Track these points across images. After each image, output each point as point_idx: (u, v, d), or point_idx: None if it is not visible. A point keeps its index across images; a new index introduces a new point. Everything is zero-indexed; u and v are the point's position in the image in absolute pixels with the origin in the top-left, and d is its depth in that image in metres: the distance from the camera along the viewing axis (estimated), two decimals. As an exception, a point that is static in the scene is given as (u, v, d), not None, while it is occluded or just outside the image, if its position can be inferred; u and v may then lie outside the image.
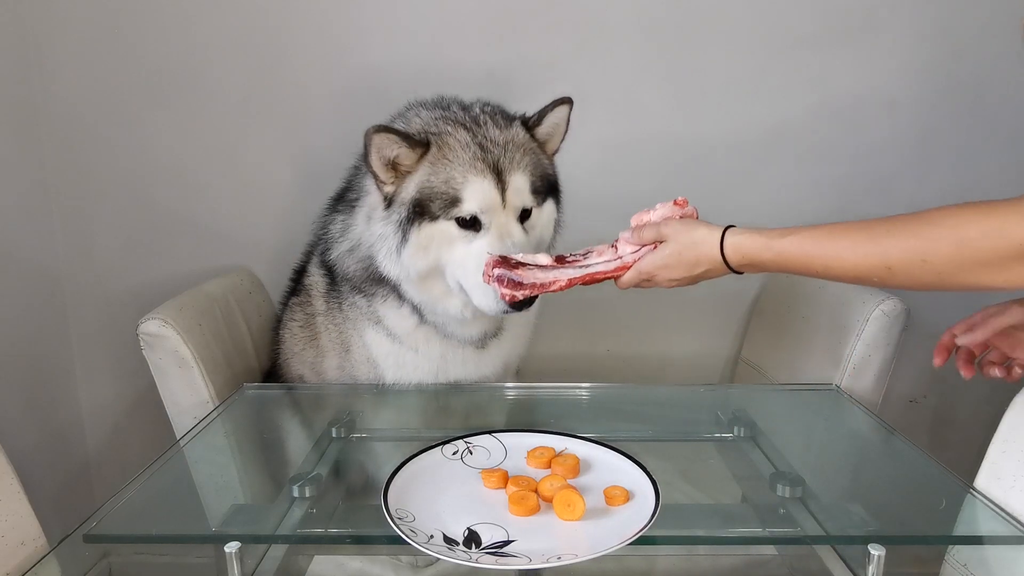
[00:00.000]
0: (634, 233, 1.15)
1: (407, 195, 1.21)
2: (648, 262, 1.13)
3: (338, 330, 1.45)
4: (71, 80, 1.79)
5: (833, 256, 1.00)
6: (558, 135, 1.33)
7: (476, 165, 1.20)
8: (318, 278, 1.49)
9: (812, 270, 1.03)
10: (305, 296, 1.52)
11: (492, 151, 1.22)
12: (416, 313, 1.35)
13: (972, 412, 1.97)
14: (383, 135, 1.17)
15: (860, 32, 1.79)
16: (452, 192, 1.19)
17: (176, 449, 1.22)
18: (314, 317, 1.49)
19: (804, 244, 1.02)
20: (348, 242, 1.35)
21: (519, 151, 1.25)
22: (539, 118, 1.29)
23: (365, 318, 1.39)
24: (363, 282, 1.36)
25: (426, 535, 0.89)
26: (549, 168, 1.32)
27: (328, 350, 1.48)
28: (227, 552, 0.89)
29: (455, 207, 1.19)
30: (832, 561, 0.99)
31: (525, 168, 1.24)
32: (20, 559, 0.96)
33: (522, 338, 1.50)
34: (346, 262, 1.37)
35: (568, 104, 1.29)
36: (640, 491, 0.98)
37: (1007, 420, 1.04)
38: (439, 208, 1.20)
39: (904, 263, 0.93)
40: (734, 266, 1.09)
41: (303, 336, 1.52)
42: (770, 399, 1.56)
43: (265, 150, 1.84)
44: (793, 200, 1.88)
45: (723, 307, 1.95)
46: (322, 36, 1.78)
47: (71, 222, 1.86)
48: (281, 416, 1.50)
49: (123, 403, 1.95)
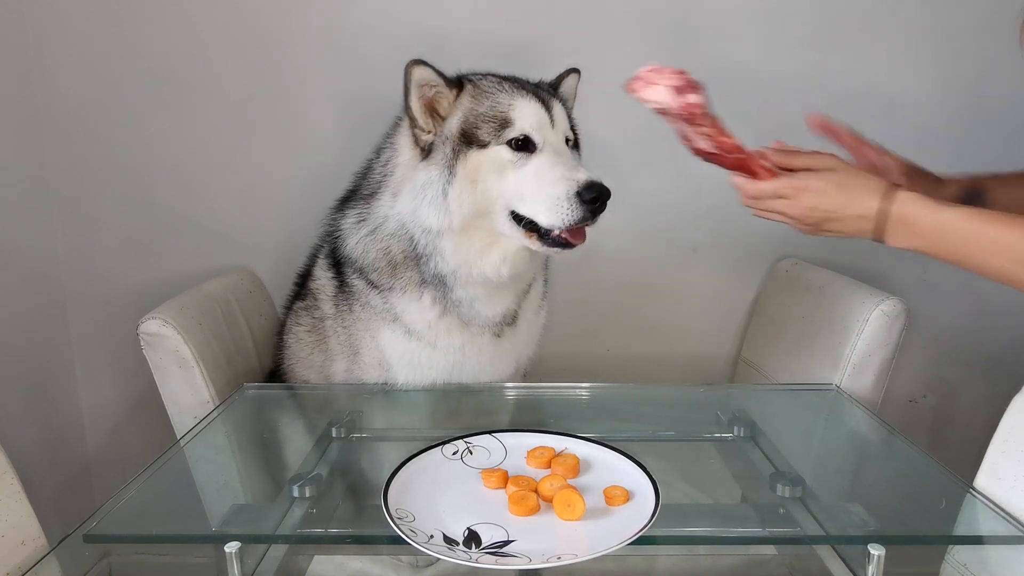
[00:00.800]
0: (783, 154, 1.10)
1: (451, 131, 1.21)
2: (805, 180, 1.05)
3: (347, 333, 1.43)
4: (71, 79, 1.79)
5: (1005, 244, 0.93)
6: (571, 102, 1.37)
7: (520, 91, 1.23)
8: (325, 281, 1.47)
9: (969, 253, 0.96)
10: (311, 300, 1.50)
11: (528, 85, 1.27)
12: (438, 303, 1.32)
13: (972, 412, 1.97)
14: (423, 68, 1.18)
15: (860, 32, 1.79)
16: (501, 114, 1.19)
17: (176, 449, 1.22)
18: (322, 321, 1.47)
19: (974, 221, 0.95)
20: (368, 226, 1.34)
21: (551, 93, 1.30)
22: (558, 81, 1.36)
23: (380, 318, 1.37)
24: (384, 269, 1.33)
25: (426, 535, 0.89)
26: (573, 122, 1.34)
27: (336, 354, 1.46)
28: (227, 552, 0.89)
29: (506, 129, 1.18)
30: (832, 561, 0.99)
31: (561, 103, 1.29)
32: (20, 559, 0.96)
33: (534, 334, 1.50)
34: (366, 248, 1.34)
35: (577, 73, 1.36)
36: (640, 491, 0.98)
37: (1007, 420, 1.04)
38: (488, 133, 1.19)
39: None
40: (888, 221, 1.01)
41: (310, 341, 1.50)
42: (770, 399, 1.56)
43: (266, 150, 1.84)
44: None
45: (723, 307, 1.96)
46: (323, 36, 1.78)
47: (71, 222, 1.86)
48: (281, 416, 1.50)
49: (123, 403, 1.95)
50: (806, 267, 1.78)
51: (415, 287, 1.33)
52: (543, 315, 1.52)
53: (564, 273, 1.92)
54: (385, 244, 1.32)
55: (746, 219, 1.90)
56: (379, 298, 1.36)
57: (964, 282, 1.91)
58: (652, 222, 1.89)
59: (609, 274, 1.92)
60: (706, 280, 1.94)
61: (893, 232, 1.02)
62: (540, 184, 1.15)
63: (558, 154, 1.19)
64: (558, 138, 1.22)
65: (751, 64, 1.79)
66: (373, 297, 1.37)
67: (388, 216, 1.30)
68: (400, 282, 1.33)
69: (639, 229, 1.88)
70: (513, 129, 1.18)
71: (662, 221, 1.89)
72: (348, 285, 1.41)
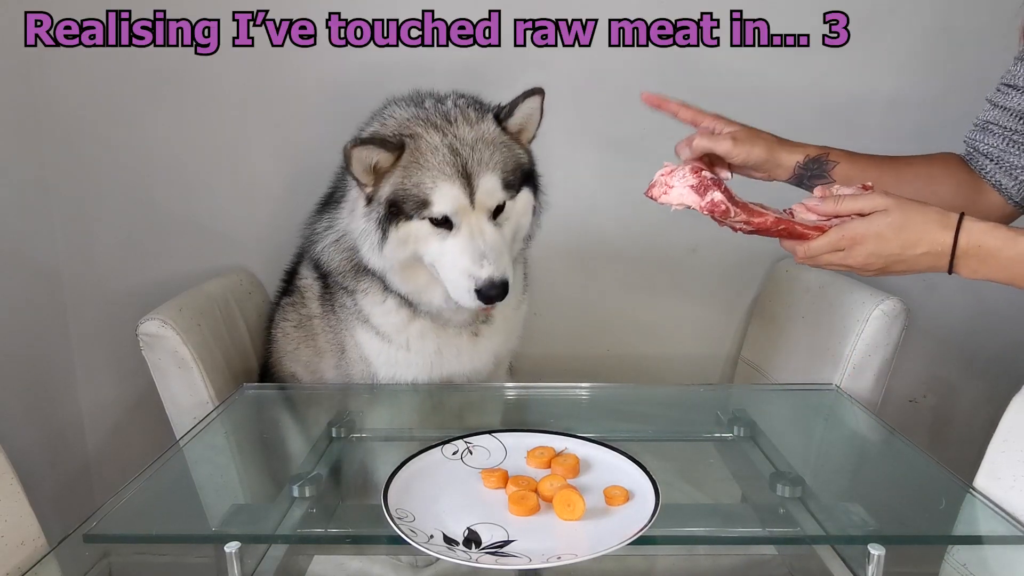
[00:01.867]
0: (827, 201, 1.02)
1: (383, 195, 1.25)
2: (857, 228, 0.98)
3: (333, 332, 1.46)
4: (71, 79, 1.79)
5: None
6: (532, 124, 1.34)
7: (445, 170, 1.23)
8: (311, 281, 1.50)
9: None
10: (298, 297, 1.53)
11: (462, 153, 1.25)
12: (406, 307, 1.36)
13: (972, 412, 1.97)
14: (361, 149, 1.21)
15: (860, 32, 1.79)
16: (423, 195, 1.23)
17: (176, 449, 1.22)
18: (310, 319, 1.50)
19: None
20: (334, 234, 1.38)
21: (489, 148, 1.27)
22: (511, 109, 1.30)
23: (354, 318, 1.41)
24: (347, 273, 1.38)
25: (426, 535, 0.89)
26: (523, 158, 1.33)
27: (326, 351, 1.49)
28: (227, 552, 0.89)
29: (426, 208, 1.23)
30: (832, 561, 0.99)
31: (495, 167, 1.26)
32: (20, 559, 0.96)
33: (514, 329, 1.51)
34: (331, 254, 1.39)
35: (539, 95, 1.30)
36: (640, 491, 0.98)
37: (1007, 420, 1.04)
38: (412, 208, 1.24)
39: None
40: (963, 255, 0.96)
41: (296, 336, 1.53)
42: (770, 399, 1.56)
43: (265, 150, 1.84)
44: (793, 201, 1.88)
45: (723, 307, 1.96)
46: (322, 36, 1.77)
47: (71, 222, 1.86)
48: (281, 416, 1.50)
49: (123, 403, 1.95)
50: (806, 267, 1.77)
51: (379, 292, 1.36)
52: (524, 308, 1.53)
53: (564, 273, 1.93)
54: (349, 253, 1.35)
55: (746, 219, 1.91)
56: (350, 299, 1.40)
57: (964, 282, 1.90)
58: (652, 222, 1.89)
59: (609, 274, 1.92)
60: (706, 280, 1.94)
61: (969, 265, 0.98)
62: (451, 266, 1.23)
63: (473, 237, 1.23)
64: (478, 218, 1.25)
65: (751, 65, 1.79)
66: (345, 299, 1.41)
67: (348, 229, 1.34)
68: (363, 285, 1.37)
69: (639, 229, 1.88)
70: (432, 211, 1.23)
71: (662, 221, 1.89)
72: (329, 288, 1.45)
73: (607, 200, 1.88)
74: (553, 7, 1.76)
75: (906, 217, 0.97)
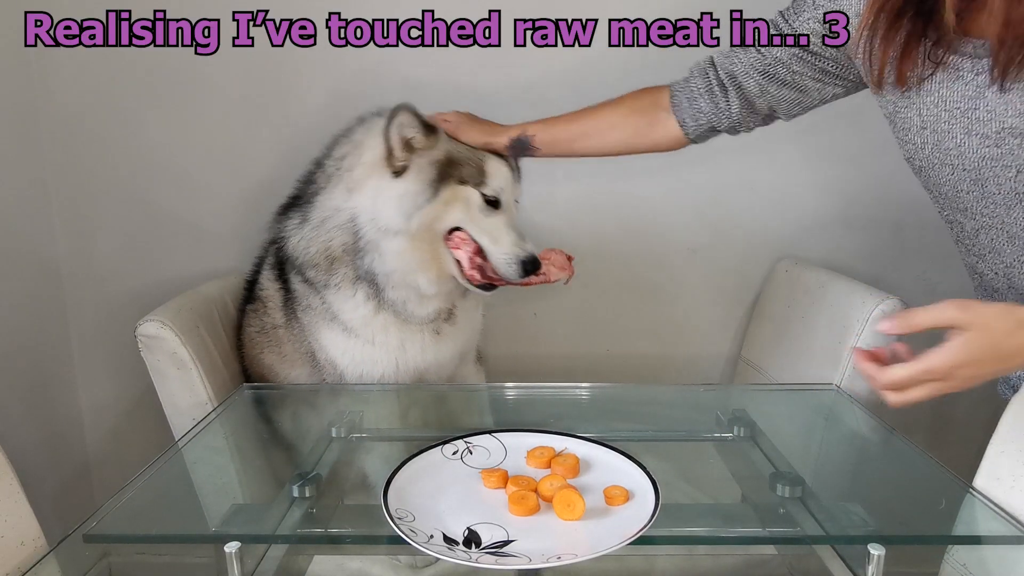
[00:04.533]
0: (898, 322, 0.94)
1: (435, 157, 1.31)
2: (942, 358, 0.88)
3: (298, 340, 1.48)
4: (71, 79, 1.79)
5: None
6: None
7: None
8: (273, 291, 1.51)
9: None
10: (260, 305, 1.55)
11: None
12: (373, 299, 1.37)
13: (972, 412, 1.96)
14: (405, 114, 1.27)
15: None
16: (481, 165, 1.34)
17: (175, 449, 1.22)
18: (275, 329, 1.52)
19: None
20: (311, 223, 1.38)
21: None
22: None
23: (320, 318, 1.42)
24: (320, 265, 1.38)
25: (426, 535, 0.89)
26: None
27: (295, 360, 1.50)
28: (227, 552, 0.89)
29: (483, 178, 1.33)
30: (832, 561, 0.99)
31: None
32: (20, 559, 0.96)
33: (475, 326, 1.56)
34: (308, 244, 1.39)
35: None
36: (640, 491, 0.98)
37: (1006, 420, 1.04)
38: (468, 174, 1.32)
39: None
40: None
41: (261, 341, 1.55)
42: (770, 399, 1.56)
43: (265, 151, 1.84)
44: (794, 201, 1.88)
45: (723, 307, 1.96)
46: (322, 36, 1.77)
47: (71, 222, 1.86)
48: (280, 416, 1.50)
49: (123, 404, 1.95)
50: (806, 267, 1.78)
51: (350, 284, 1.37)
52: (481, 306, 1.57)
53: (564, 273, 1.92)
54: (328, 236, 1.36)
55: (746, 219, 1.92)
56: (317, 298, 1.40)
57: (964, 282, 1.91)
58: (652, 222, 1.89)
59: (609, 274, 1.92)
60: (706, 280, 1.94)
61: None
62: (500, 240, 1.33)
63: (514, 217, 1.38)
64: (513, 199, 1.39)
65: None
66: (312, 298, 1.41)
67: (340, 209, 1.35)
68: (335, 278, 1.37)
69: (639, 229, 1.88)
70: (490, 183, 1.33)
71: (662, 221, 1.89)
72: (292, 291, 1.45)
73: (607, 200, 1.88)
74: (553, 7, 1.76)
75: (989, 333, 0.88)
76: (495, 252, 1.32)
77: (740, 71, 1.28)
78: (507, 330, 1.90)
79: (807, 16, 1.20)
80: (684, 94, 1.33)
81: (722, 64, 1.31)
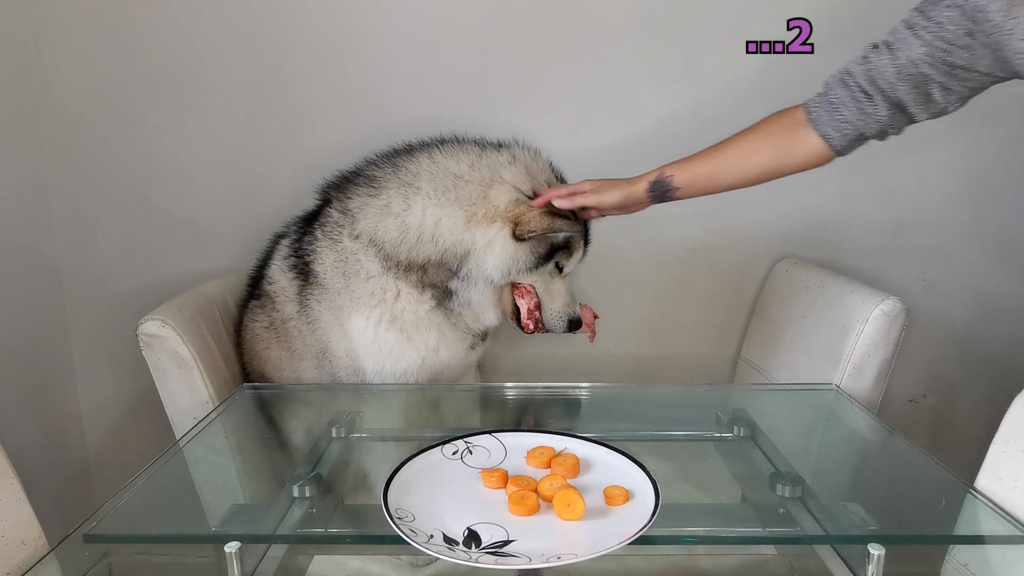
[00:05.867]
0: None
1: (555, 240, 1.41)
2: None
3: (312, 329, 1.46)
4: (71, 79, 1.79)
5: None
6: None
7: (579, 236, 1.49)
8: (286, 283, 1.50)
9: None
10: (268, 300, 1.53)
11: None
12: (436, 304, 1.43)
13: (972, 412, 1.97)
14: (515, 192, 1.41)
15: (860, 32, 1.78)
16: (575, 245, 1.47)
17: (176, 449, 1.22)
18: (284, 322, 1.51)
19: None
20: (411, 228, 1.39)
21: None
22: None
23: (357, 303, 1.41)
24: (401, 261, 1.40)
25: (426, 535, 0.89)
26: None
27: (304, 354, 1.50)
28: (227, 552, 0.89)
29: (568, 255, 1.46)
30: (832, 561, 0.99)
31: None
32: (20, 559, 0.96)
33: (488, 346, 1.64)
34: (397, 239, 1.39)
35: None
36: (640, 491, 0.98)
37: (1008, 420, 1.04)
38: (565, 255, 1.46)
39: None
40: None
41: (267, 337, 1.54)
42: (770, 399, 1.56)
43: (265, 151, 1.84)
44: (793, 201, 1.88)
45: (723, 307, 1.96)
46: (322, 36, 1.77)
47: (71, 222, 1.86)
48: (281, 416, 1.50)
49: (123, 403, 1.95)
50: (806, 267, 1.78)
51: (419, 283, 1.41)
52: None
53: (564, 273, 1.92)
54: (423, 247, 1.38)
55: (746, 219, 1.92)
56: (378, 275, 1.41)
57: (964, 282, 1.91)
58: (653, 222, 1.89)
59: (609, 274, 1.92)
60: (706, 280, 1.94)
61: None
62: (555, 299, 1.48)
63: (568, 280, 1.52)
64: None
65: (752, 64, 1.79)
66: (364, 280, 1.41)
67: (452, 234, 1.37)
68: (411, 275, 1.41)
69: (639, 229, 1.88)
70: (571, 260, 1.48)
71: (663, 221, 1.89)
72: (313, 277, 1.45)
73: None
74: (553, 7, 1.76)
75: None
76: (551, 308, 1.47)
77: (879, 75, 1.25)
78: (507, 330, 1.90)
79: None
80: (823, 107, 1.29)
81: (859, 72, 1.27)
